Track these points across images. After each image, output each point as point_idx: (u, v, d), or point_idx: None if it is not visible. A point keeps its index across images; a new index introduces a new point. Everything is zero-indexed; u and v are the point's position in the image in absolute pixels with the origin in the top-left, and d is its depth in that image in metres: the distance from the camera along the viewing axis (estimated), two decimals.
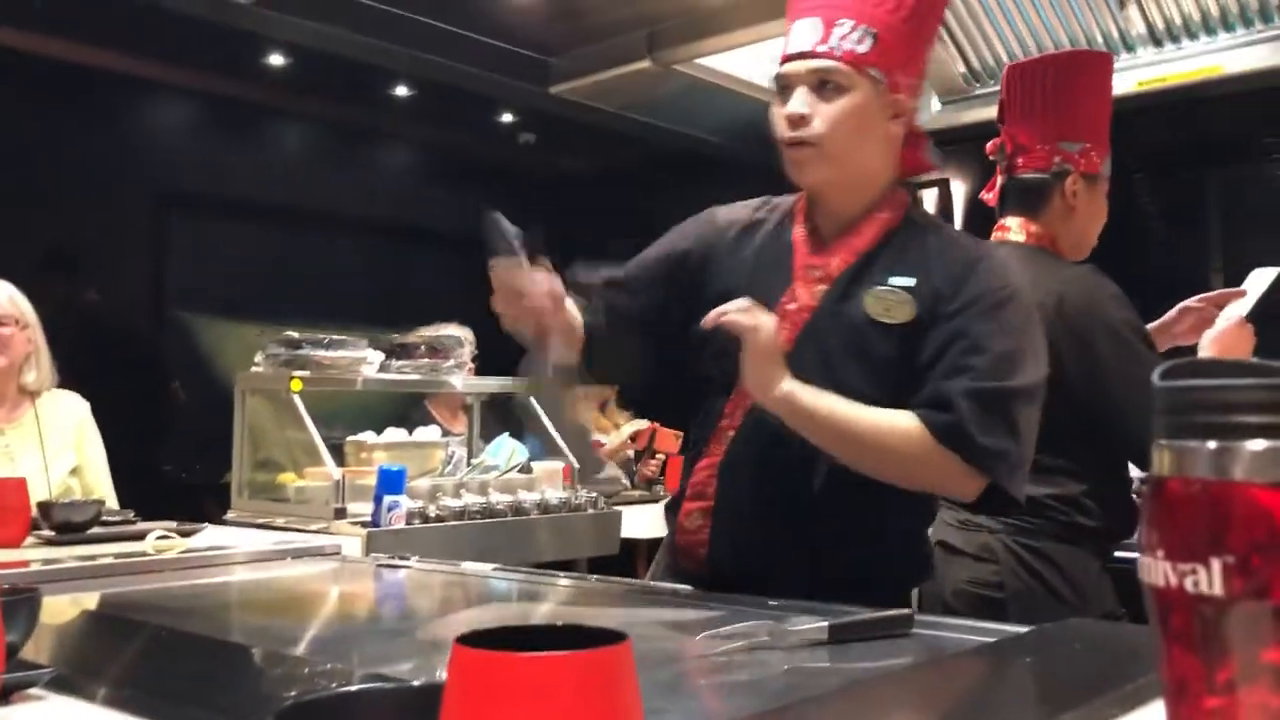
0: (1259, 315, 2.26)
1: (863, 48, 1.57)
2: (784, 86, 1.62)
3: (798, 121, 1.59)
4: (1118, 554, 2.09)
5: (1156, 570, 0.45)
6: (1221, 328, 2.22)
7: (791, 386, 1.48)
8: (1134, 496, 2.14)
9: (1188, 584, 0.43)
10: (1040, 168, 2.21)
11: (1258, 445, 0.43)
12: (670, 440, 4.66)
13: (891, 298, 1.56)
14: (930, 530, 2.22)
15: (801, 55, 1.60)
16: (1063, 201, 2.19)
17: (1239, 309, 2.27)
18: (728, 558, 1.62)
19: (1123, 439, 2.00)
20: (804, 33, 1.61)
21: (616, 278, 1.78)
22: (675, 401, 1.89)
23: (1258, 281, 2.32)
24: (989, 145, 2.34)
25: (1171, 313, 2.40)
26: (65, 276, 5.30)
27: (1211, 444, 0.44)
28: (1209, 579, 0.42)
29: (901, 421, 1.49)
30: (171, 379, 5.70)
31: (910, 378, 1.53)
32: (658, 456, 4.84)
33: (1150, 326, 2.38)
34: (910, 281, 1.56)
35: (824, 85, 1.58)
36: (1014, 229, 2.23)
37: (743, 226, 1.74)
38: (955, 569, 2.09)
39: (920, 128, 1.68)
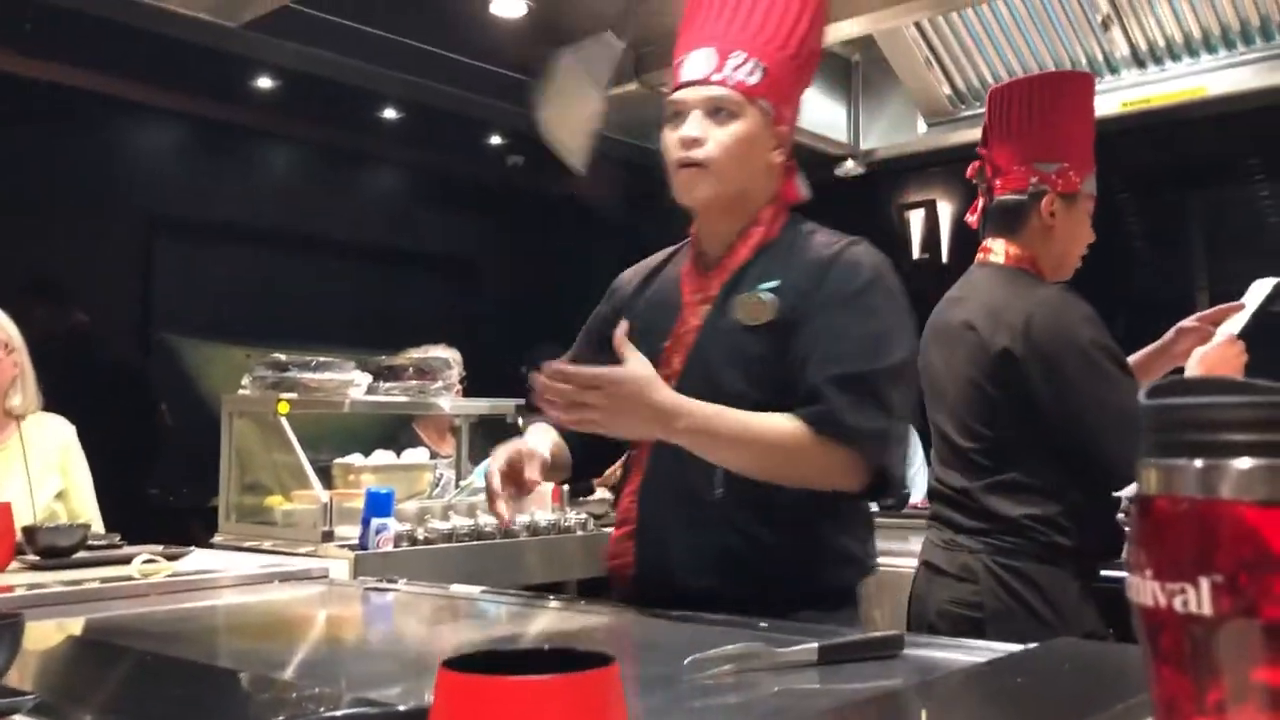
0: (1254, 330, 2.26)
1: (754, 79, 1.68)
2: (676, 112, 1.73)
3: (691, 144, 1.69)
4: (1104, 573, 2.09)
5: (1145, 590, 0.45)
6: (1209, 345, 2.23)
7: (680, 419, 1.53)
8: (1121, 515, 2.15)
9: (1176, 604, 0.43)
10: (1017, 188, 2.23)
11: (1245, 463, 0.43)
12: None
13: (755, 302, 1.65)
14: (920, 549, 2.23)
15: (696, 83, 1.71)
16: (1040, 222, 2.20)
17: (1233, 325, 2.27)
18: (652, 578, 1.68)
19: (1096, 460, 2.00)
20: (698, 62, 1.72)
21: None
22: None
23: (1256, 292, 2.32)
24: (970, 168, 2.37)
25: (1169, 334, 2.40)
26: (52, 299, 5.29)
27: (1199, 462, 0.44)
28: (1198, 598, 0.42)
29: (781, 421, 1.56)
30: (159, 401, 5.68)
31: (787, 376, 1.61)
32: None
33: (1149, 349, 2.40)
34: (774, 284, 1.66)
35: (717, 112, 1.68)
36: (995, 250, 2.26)
37: (644, 277, 1.88)
38: (938, 589, 2.11)
39: (793, 161, 1.78)
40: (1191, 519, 0.43)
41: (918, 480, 4.66)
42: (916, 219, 5.93)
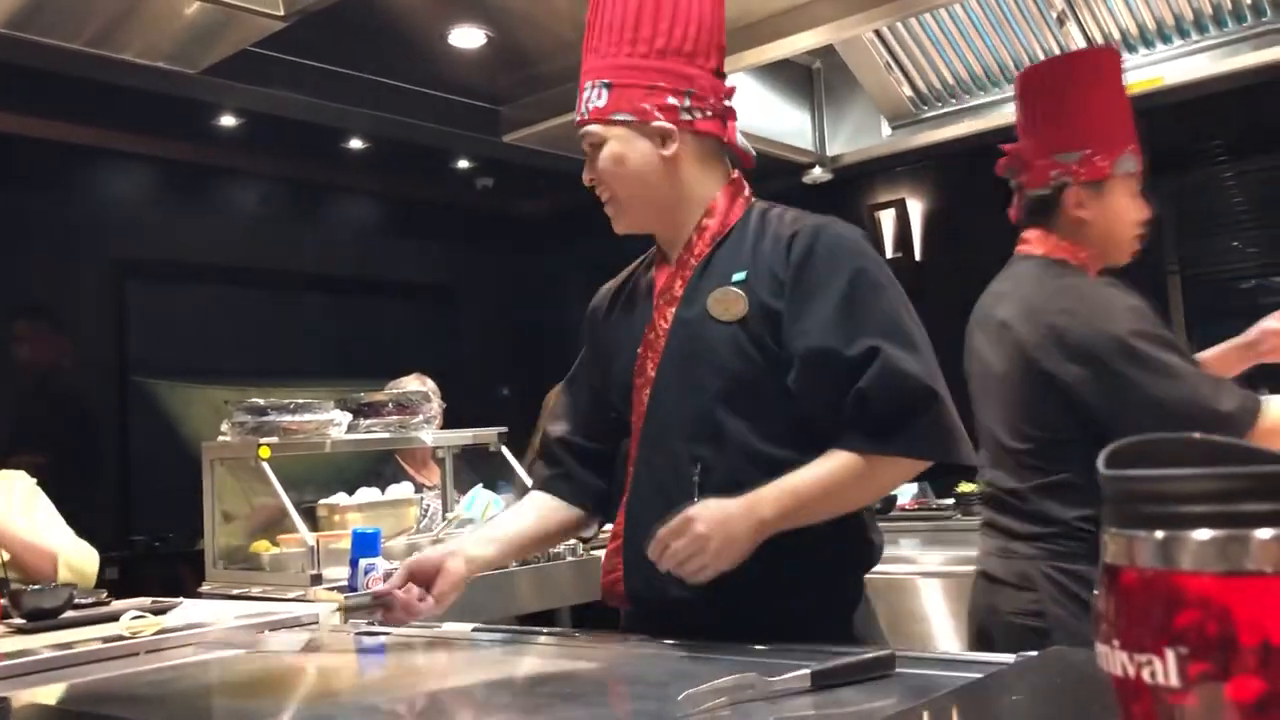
0: None
1: (601, 101, 1.70)
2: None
3: (592, 186, 1.75)
4: None
5: (1115, 660, 0.45)
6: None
7: (760, 521, 1.52)
8: None
9: (1145, 675, 0.43)
10: (1040, 184, 2.16)
11: (1204, 535, 0.43)
12: None
13: (727, 297, 1.64)
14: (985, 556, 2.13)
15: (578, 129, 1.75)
16: (1069, 214, 2.13)
17: None
18: (642, 590, 1.68)
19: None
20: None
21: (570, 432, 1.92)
22: None
23: None
24: (999, 164, 2.27)
25: (1253, 332, 2.28)
26: (26, 346, 5.27)
27: (1159, 534, 0.44)
28: (1165, 669, 0.42)
29: (840, 459, 1.55)
30: (136, 446, 5.65)
31: (771, 367, 1.60)
32: None
33: (1230, 344, 2.29)
34: (742, 275, 1.65)
35: (594, 148, 1.72)
36: (1033, 241, 2.19)
37: (616, 289, 1.88)
38: (998, 599, 2.04)
39: (721, 127, 1.73)
40: (1155, 591, 0.43)
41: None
42: (888, 219, 5.96)
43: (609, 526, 1.83)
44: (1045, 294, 2.06)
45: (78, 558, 2.81)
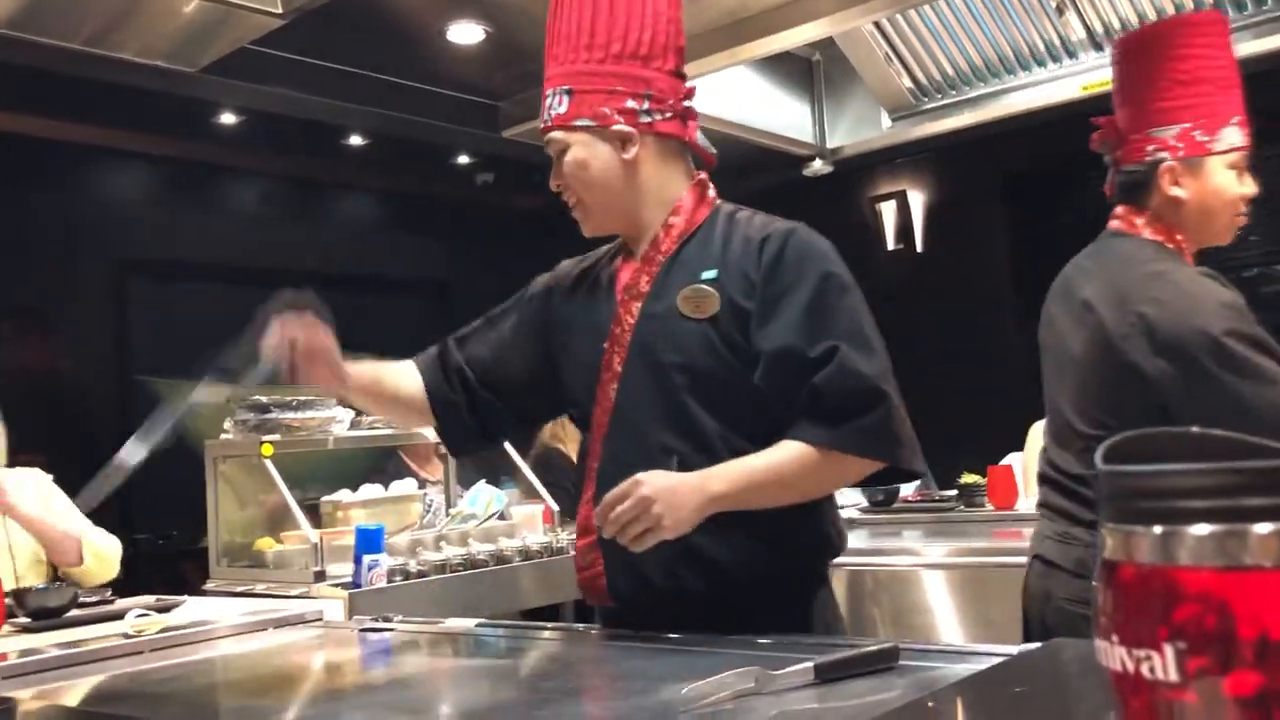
0: None
1: (562, 108, 1.73)
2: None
3: (559, 191, 1.79)
4: None
5: (1113, 655, 0.45)
6: None
7: (709, 495, 1.56)
8: None
9: (1144, 670, 0.43)
10: (1135, 159, 2.03)
11: (1202, 530, 0.43)
12: None
13: (699, 294, 1.67)
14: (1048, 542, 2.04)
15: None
16: (1164, 193, 2.00)
17: None
18: (626, 584, 1.69)
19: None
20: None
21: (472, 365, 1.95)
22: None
23: None
24: (1094, 137, 2.13)
25: None
26: (27, 346, 5.27)
27: (1156, 529, 0.44)
28: (1163, 665, 0.42)
29: (791, 449, 1.59)
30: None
31: (740, 365, 1.63)
32: None
33: None
34: (713, 274, 1.68)
35: (559, 154, 1.75)
36: (1126, 219, 2.06)
37: (579, 273, 1.90)
38: (1054, 585, 1.97)
39: (681, 128, 1.76)
40: (1153, 586, 0.43)
41: None
42: (889, 211, 5.96)
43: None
44: (1135, 279, 1.94)
45: (101, 544, 2.83)
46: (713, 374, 1.65)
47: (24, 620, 2.29)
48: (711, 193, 1.80)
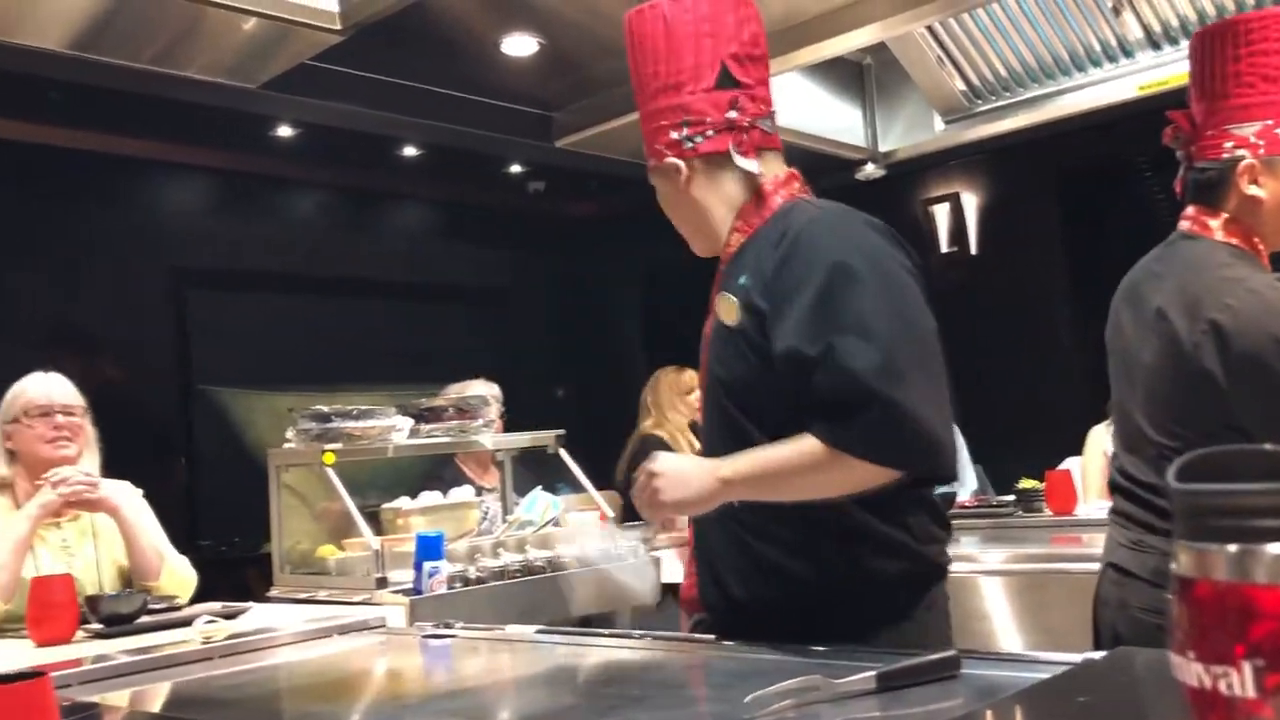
0: None
1: (651, 161, 1.82)
2: None
3: None
4: None
5: (1190, 671, 0.45)
6: None
7: (719, 479, 1.61)
8: None
9: (1221, 686, 0.43)
10: (1211, 157, 1.96)
11: (1278, 549, 0.43)
12: None
13: (724, 303, 1.71)
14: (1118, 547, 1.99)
15: None
16: (1241, 194, 1.93)
17: None
18: (710, 595, 1.74)
19: None
20: None
21: None
22: None
23: None
24: (1166, 132, 2.06)
25: None
26: (90, 358, 5.38)
27: (1232, 548, 0.44)
28: (1241, 681, 0.43)
29: (805, 444, 1.57)
30: (202, 453, 5.76)
31: (767, 365, 1.63)
32: None
33: None
34: (744, 279, 1.69)
35: None
36: (1198, 220, 1.99)
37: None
38: (1129, 594, 1.92)
39: (725, 144, 1.75)
40: (1229, 604, 0.43)
41: (965, 477, 4.60)
42: (942, 213, 5.93)
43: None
44: (1207, 284, 1.87)
45: (178, 566, 2.87)
46: (746, 381, 1.67)
47: (96, 626, 2.35)
48: (781, 195, 1.75)
